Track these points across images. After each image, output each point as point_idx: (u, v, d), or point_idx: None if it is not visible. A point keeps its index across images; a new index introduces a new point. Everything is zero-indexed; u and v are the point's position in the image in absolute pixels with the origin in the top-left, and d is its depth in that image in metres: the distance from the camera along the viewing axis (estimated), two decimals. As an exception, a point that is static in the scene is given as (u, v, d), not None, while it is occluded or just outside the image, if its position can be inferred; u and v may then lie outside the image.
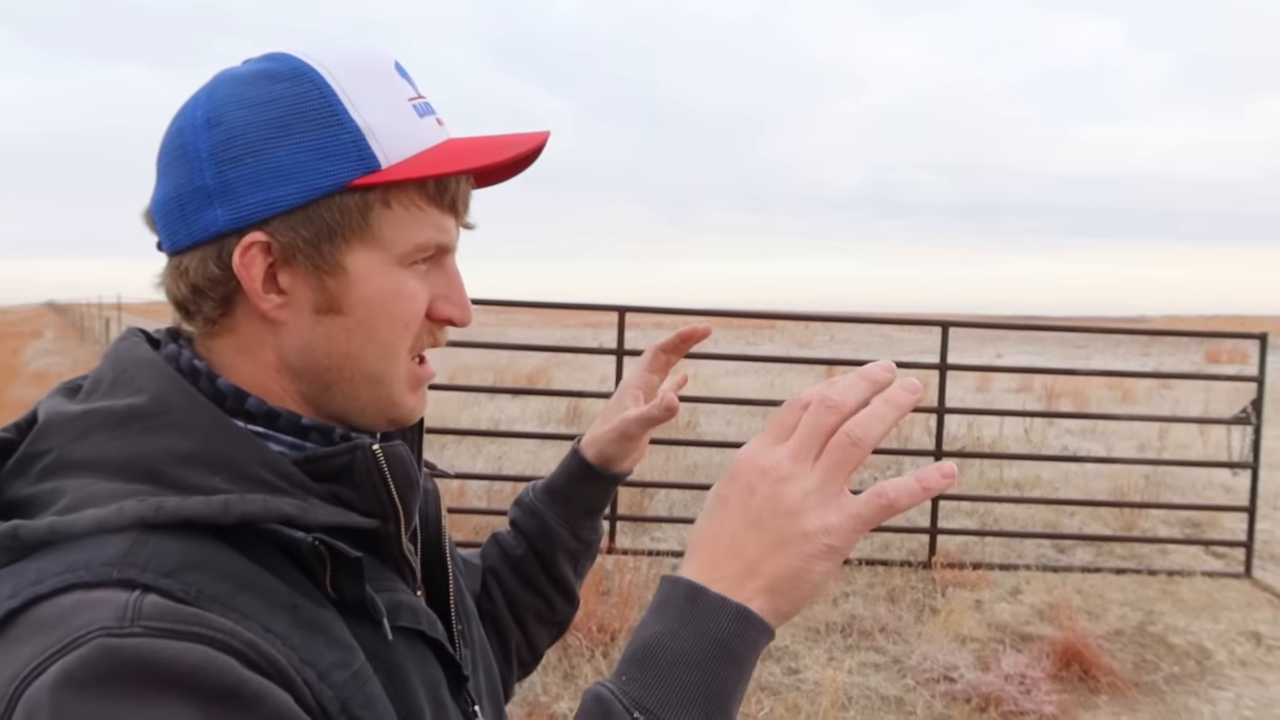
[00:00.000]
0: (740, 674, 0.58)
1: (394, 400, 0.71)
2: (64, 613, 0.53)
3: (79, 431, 0.62)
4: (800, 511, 0.59)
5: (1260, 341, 5.53)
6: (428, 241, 0.69)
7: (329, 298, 0.66)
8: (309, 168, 0.64)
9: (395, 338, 0.69)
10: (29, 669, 0.51)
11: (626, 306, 5.33)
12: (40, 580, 0.55)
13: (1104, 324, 18.47)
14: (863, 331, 30.98)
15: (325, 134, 0.65)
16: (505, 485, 6.44)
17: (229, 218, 0.65)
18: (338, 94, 0.65)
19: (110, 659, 0.51)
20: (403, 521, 0.70)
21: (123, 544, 0.56)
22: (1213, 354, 20.78)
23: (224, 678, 0.52)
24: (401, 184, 0.66)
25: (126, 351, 0.68)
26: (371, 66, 0.68)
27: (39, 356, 20.69)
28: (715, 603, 0.58)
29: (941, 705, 3.69)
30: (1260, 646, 4.37)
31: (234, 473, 0.62)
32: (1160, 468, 7.08)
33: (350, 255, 0.66)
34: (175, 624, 0.53)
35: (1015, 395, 13.07)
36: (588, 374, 13.43)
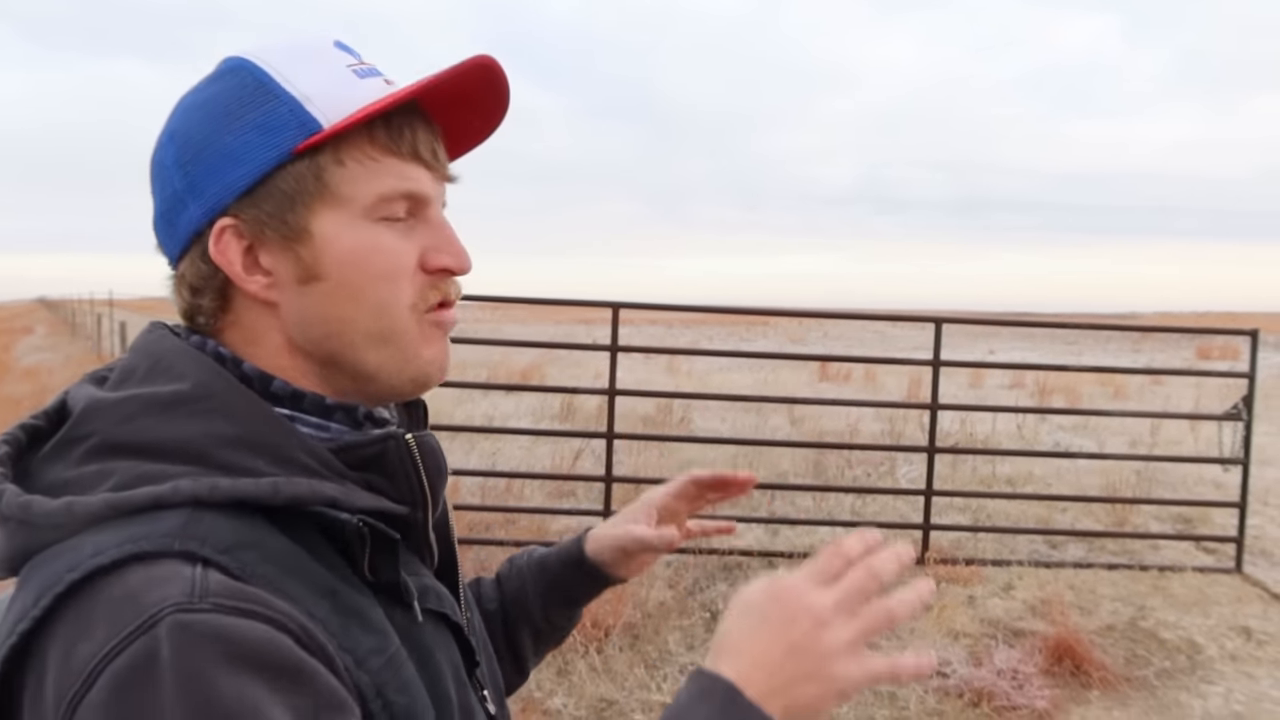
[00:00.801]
0: None
1: (407, 356, 0.71)
2: (132, 591, 0.55)
3: (123, 416, 0.64)
4: (832, 656, 0.65)
5: (1251, 338, 5.56)
6: (390, 190, 0.69)
7: (305, 266, 0.68)
8: (255, 145, 0.67)
9: (385, 294, 0.69)
10: (107, 649, 0.53)
11: (620, 303, 5.33)
12: (100, 552, 0.57)
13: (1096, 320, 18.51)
14: (856, 328, 31.04)
15: (263, 111, 0.67)
16: (499, 481, 6.44)
17: (200, 212, 0.68)
18: (271, 74, 0.68)
19: (185, 635, 0.53)
20: (430, 509, 0.73)
21: (179, 519, 0.58)
22: (1204, 350, 20.86)
23: (286, 655, 0.55)
24: (352, 140, 0.67)
25: (158, 342, 0.70)
26: (306, 47, 0.70)
27: (30, 353, 20.59)
28: (747, 709, 0.63)
29: (934, 700, 3.70)
30: (1250, 641, 4.39)
31: (276, 456, 0.64)
32: (1152, 464, 7.11)
33: (315, 219, 0.67)
34: (241, 602, 0.56)
35: (1008, 391, 13.11)
36: (581, 370, 13.43)
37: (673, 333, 29.06)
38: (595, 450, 7.16)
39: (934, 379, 5.48)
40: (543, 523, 5.62)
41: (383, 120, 0.68)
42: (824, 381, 14.19)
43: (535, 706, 3.56)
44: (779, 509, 6.37)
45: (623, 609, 4.27)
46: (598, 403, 9.11)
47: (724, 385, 12.42)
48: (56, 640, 0.55)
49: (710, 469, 1.01)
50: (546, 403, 10.44)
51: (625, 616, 4.25)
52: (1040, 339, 26.12)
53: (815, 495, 6.50)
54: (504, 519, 5.65)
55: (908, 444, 7.71)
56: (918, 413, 8.52)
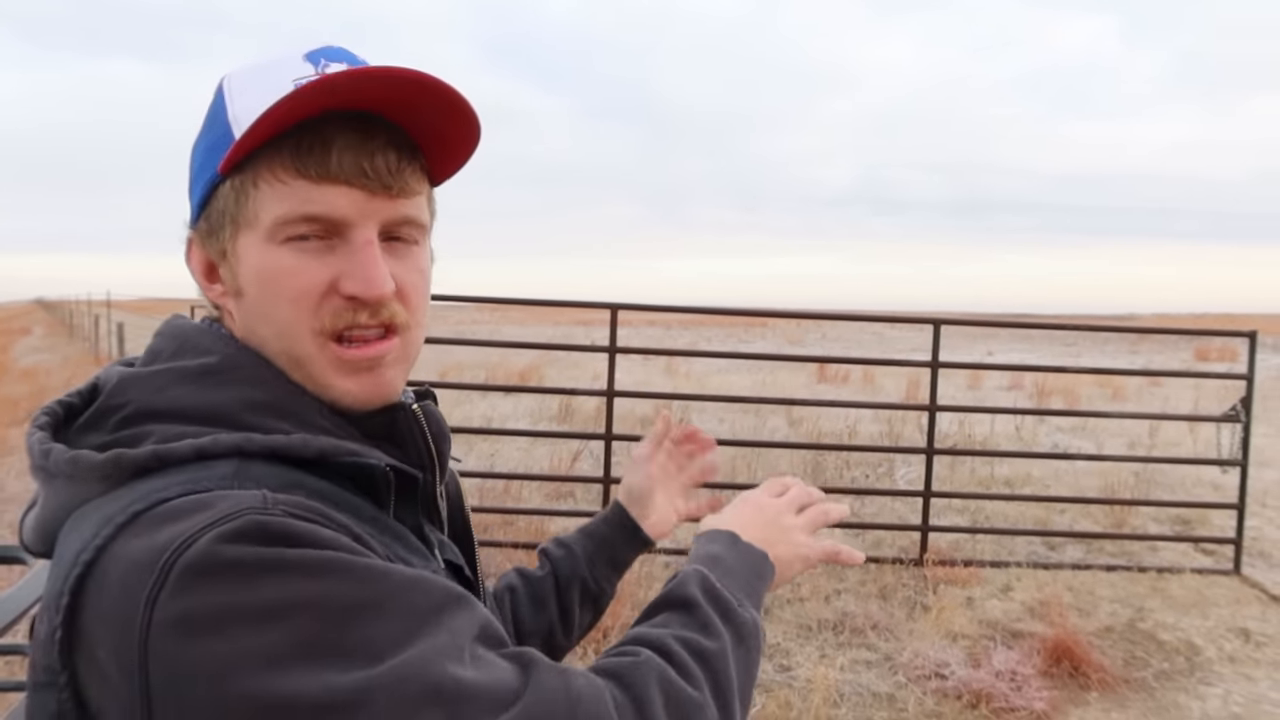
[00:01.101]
0: (764, 584, 0.88)
1: (320, 383, 0.71)
2: (204, 501, 0.58)
3: (157, 386, 0.68)
4: (793, 531, 0.96)
5: (1249, 339, 5.56)
6: (288, 214, 0.68)
7: (230, 281, 0.73)
8: (204, 165, 0.72)
9: (288, 316, 0.70)
10: (182, 538, 0.55)
11: (619, 304, 5.33)
12: (162, 490, 0.60)
13: (1094, 322, 18.54)
14: (854, 329, 31.05)
15: (211, 134, 0.72)
16: (497, 483, 6.44)
17: (188, 226, 0.76)
18: (224, 95, 0.72)
19: (262, 531, 0.56)
20: (438, 473, 0.78)
21: (230, 466, 0.63)
22: (1202, 352, 20.87)
23: (353, 547, 0.60)
24: (263, 160, 0.68)
25: (182, 327, 0.75)
26: (269, 62, 0.71)
27: (27, 353, 20.56)
28: (748, 546, 0.90)
29: (933, 702, 3.70)
30: (1249, 643, 4.39)
31: (300, 420, 0.69)
32: (1150, 465, 7.11)
33: (235, 240, 0.71)
34: (305, 512, 0.60)
35: (1006, 393, 13.11)
36: (580, 371, 13.43)
37: (671, 334, 29.06)
38: (593, 451, 7.16)
39: (932, 380, 5.48)
40: (541, 524, 5.61)
41: (293, 140, 0.67)
42: (822, 383, 14.19)
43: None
44: (777, 510, 6.36)
45: (621, 610, 4.27)
46: (596, 404, 9.11)
47: (722, 386, 12.42)
48: (118, 556, 0.57)
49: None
50: (545, 404, 10.44)
51: (624, 618, 4.24)
52: (1039, 340, 26.14)
53: (814, 497, 6.49)
54: (502, 520, 5.64)
55: (906, 445, 7.71)
56: (916, 414, 8.52)
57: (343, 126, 0.68)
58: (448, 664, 0.56)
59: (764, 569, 0.88)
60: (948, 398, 8.95)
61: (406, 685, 0.54)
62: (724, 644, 0.74)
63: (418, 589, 0.59)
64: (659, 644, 0.72)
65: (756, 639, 0.79)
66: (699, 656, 0.72)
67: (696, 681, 0.69)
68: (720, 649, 0.73)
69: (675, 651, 0.71)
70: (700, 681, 0.70)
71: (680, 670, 0.69)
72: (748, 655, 0.77)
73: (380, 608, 0.56)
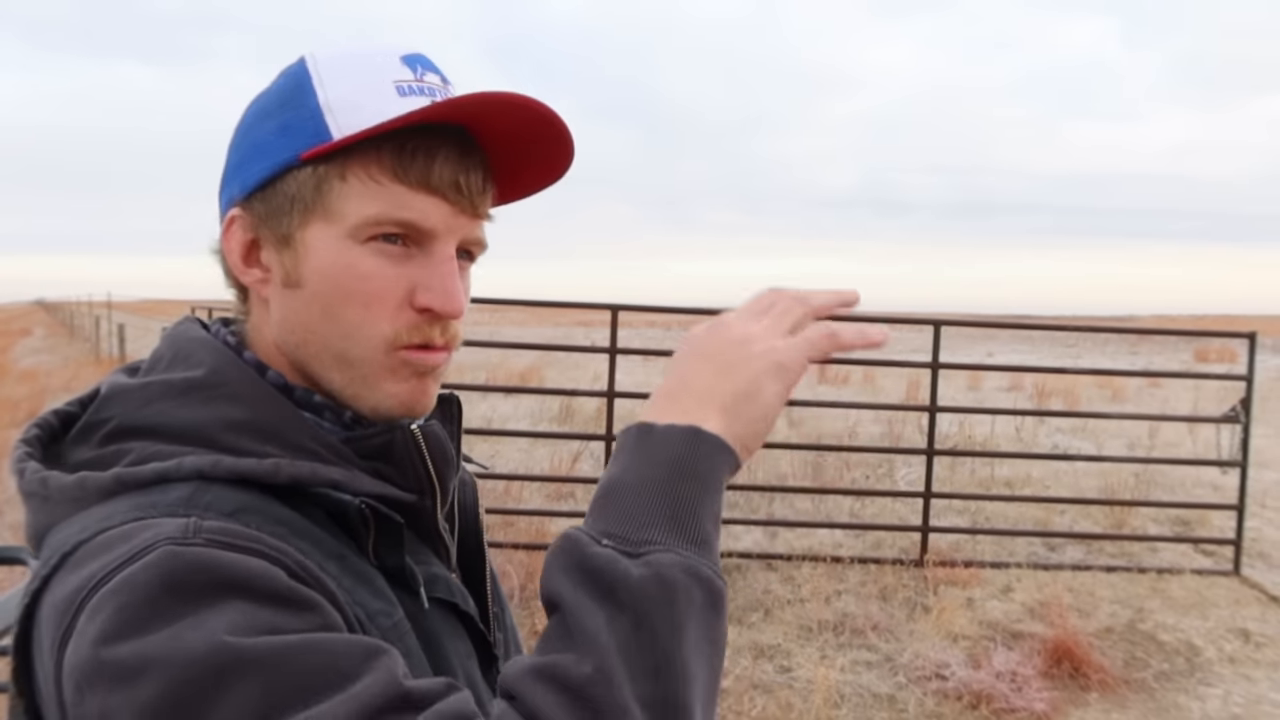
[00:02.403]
0: (704, 490, 0.59)
1: (369, 385, 0.69)
2: (127, 533, 0.57)
3: (141, 401, 0.66)
4: (748, 339, 0.64)
5: (1249, 340, 5.56)
6: (381, 215, 0.66)
7: (287, 270, 0.69)
8: (273, 145, 0.68)
9: (357, 318, 0.67)
10: (96, 578, 0.55)
11: (619, 305, 5.33)
12: (109, 518, 0.59)
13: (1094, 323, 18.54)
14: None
15: (290, 113, 0.68)
16: (497, 484, 6.43)
17: (226, 199, 0.71)
18: (310, 76, 0.69)
19: (174, 562, 0.54)
20: (439, 498, 0.73)
21: (185, 490, 0.60)
22: (1201, 353, 20.88)
23: (281, 584, 0.56)
24: (359, 156, 0.66)
25: (183, 332, 0.72)
26: (363, 54, 0.69)
27: (28, 355, 20.56)
28: (665, 431, 0.61)
29: (933, 703, 3.70)
30: (1249, 644, 4.39)
31: (284, 442, 0.65)
32: (1150, 466, 7.11)
33: (305, 228, 0.68)
34: (234, 539, 0.57)
35: (1006, 394, 13.11)
36: (580, 372, 13.43)
37: (671, 335, 29.05)
38: (594, 452, 7.16)
39: (933, 381, 5.48)
40: (541, 525, 5.61)
41: (395, 143, 0.66)
42: (822, 384, 14.19)
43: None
44: (777, 511, 6.37)
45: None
46: (596, 405, 9.11)
47: (723, 387, 12.39)
48: (53, 590, 0.57)
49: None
50: (545, 405, 10.44)
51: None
52: (1039, 341, 26.13)
53: (814, 497, 6.50)
54: (502, 521, 5.64)
55: (906, 446, 7.72)
56: (916, 415, 8.52)
57: (445, 139, 0.67)
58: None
59: (695, 457, 0.59)
60: (948, 398, 8.95)
61: None
62: (599, 658, 0.53)
63: (312, 653, 0.53)
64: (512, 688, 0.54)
65: (674, 602, 0.55)
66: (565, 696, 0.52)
67: None
68: (595, 671, 0.52)
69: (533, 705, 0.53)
70: None
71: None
72: (658, 640, 0.53)
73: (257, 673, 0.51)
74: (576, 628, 0.54)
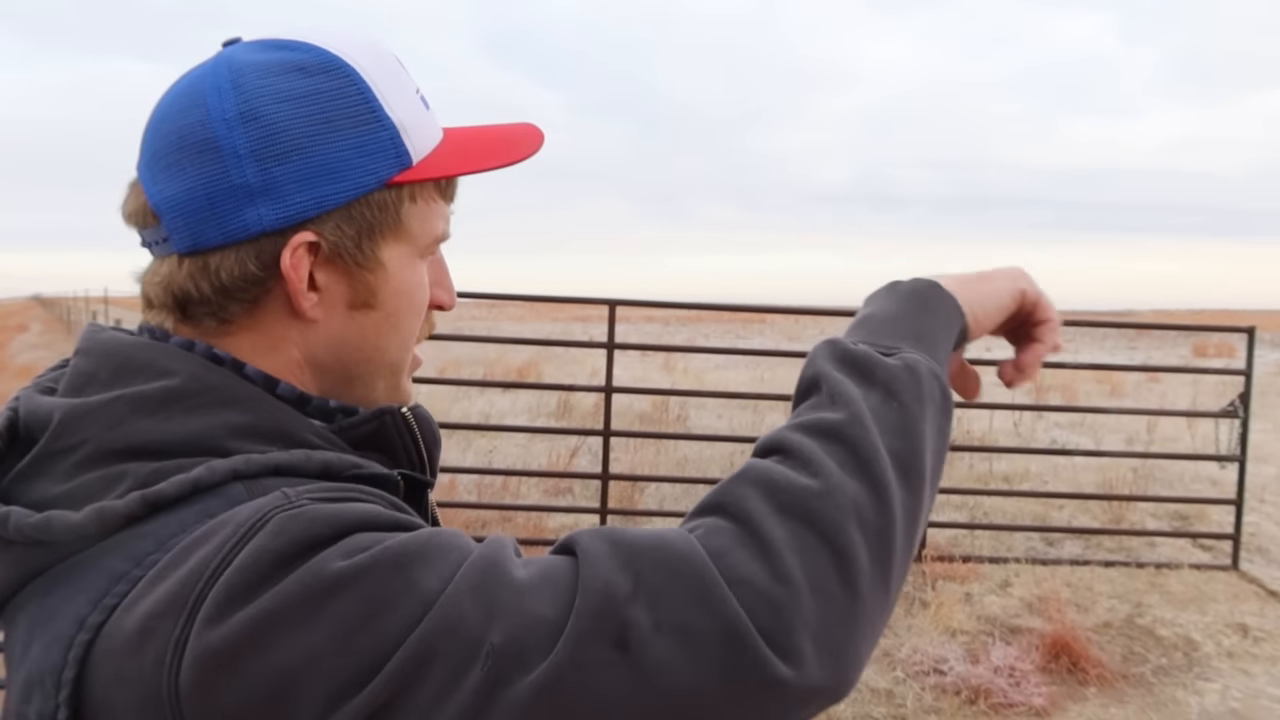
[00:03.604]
0: (941, 325, 0.71)
1: (399, 386, 0.74)
2: (221, 521, 0.54)
3: (112, 421, 0.60)
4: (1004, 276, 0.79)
5: (1248, 335, 5.56)
6: (443, 234, 0.72)
7: (367, 293, 0.68)
8: (354, 165, 0.64)
9: (413, 327, 0.72)
10: (213, 565, 0.51)
11: (617, 300, 5.32)
12: (177, 532, 0.55)
13: (1092, 317, 18.52)
14: (853, 325, 30.98)
15: (366, 130, 0.65)
16: (495, 479, 6.43)
17: (275, 216, 0.63)
18: (372, 89, 0.66)
19: (297, 523, 0.52)
20: (431, 478, 0.75)
21: (240, 488, 0.57)
22: (1200, 348, 20.88)
23: (394, 516, 0.57)
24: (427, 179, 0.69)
25: (114, 342, 0.65)
26: (388, 58, 0.70)
27: (25, 350, 20.54)
28: (910, 282, 0.74)
29: (931, 698, 3.70)
30: (1247, 638, 4.40)
31: (290, 440, 0.63)
32: (1148, 461, 7.11)
33: (386, 250, 0.68)
34: (335, 493, 0.57)
35: (1004, 388, 13.08)
36: (578, 367, 13.41)
37: (669, 330, 29.06)
38: (592, 447, 7.16)
39: (931, 376, 5.48)
40: (539, 520, 5.61)
41: None
42: (821, 379, 14.18)
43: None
44: (776, 506, 6.36)
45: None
46: (594, 400, 9.10)
47: (720, 383, 12.41)
48: (133, 609, 0.52)
49: None
50: (543, 400, 10.43)
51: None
52: (1036, 336, 26.04)
53: (812, 493, 6.49)
54: (500, 516, 5.64)
55: (904, 441, 7.69)
56: (914, 410, 8.49)
57: None
58: (504, 569, 0.53)
59: (940, 304, 0.72)
60: (946, 394, 8.93)
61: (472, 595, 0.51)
62: (856, 409, 0.61)
63: (450, 532, 0.57)
64: (765, 444, 0.61)
65: (920, 386, 0.64)
66: (821, 435, 0.60)
67: (816, 466, 0.57)
68: (851, 416, 0.60)
69: (787, 442, 0.60)
70: (821, 465, 0.57)
71: (793, 461, 0.58)
72: (906, 410, 0.62)
73: (430, 555, 0.53)
74: (833, 391, 0.63)
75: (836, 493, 0.56)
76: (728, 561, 0.53)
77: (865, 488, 0.57)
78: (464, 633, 0.50)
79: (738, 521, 0.56)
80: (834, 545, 0.55)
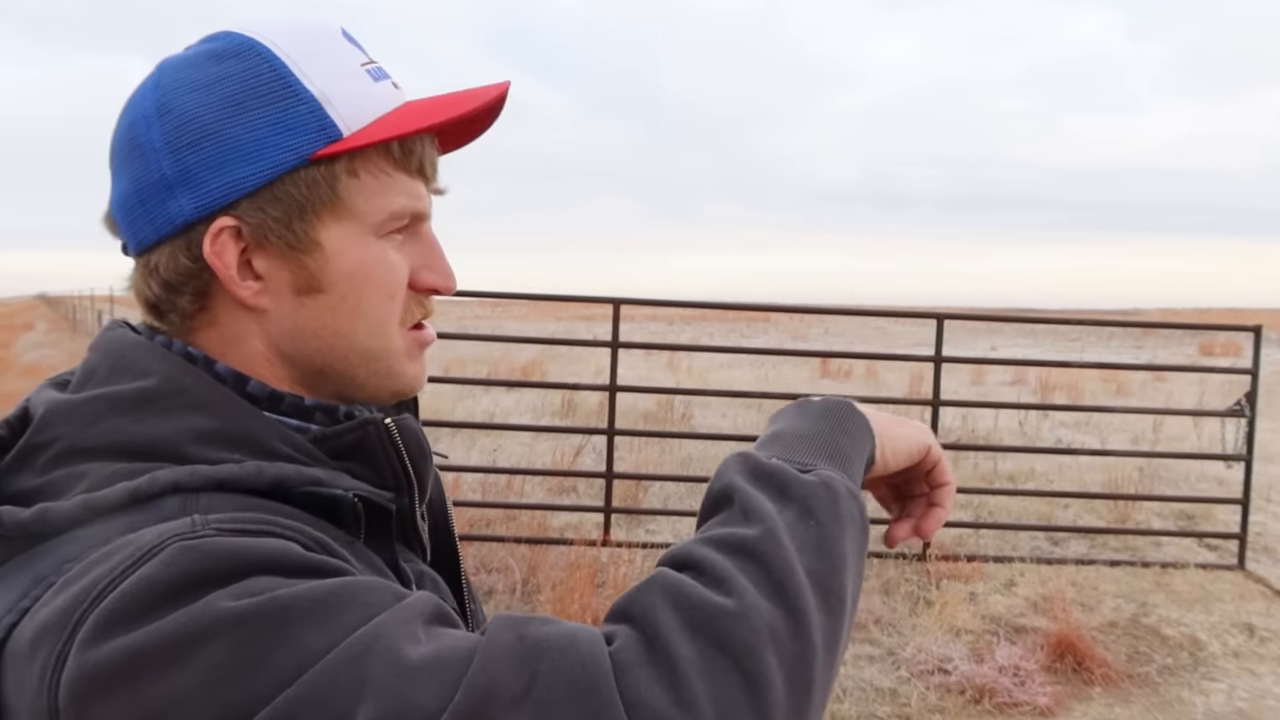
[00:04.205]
0: (855, 445, 0.69)
1: (393, 372, 0.70)
2: (127, 541, 0.52)
3: (88, 418, 0.61)
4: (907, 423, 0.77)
5: (1254, 334, 5.54)
6: (401, 209, 0.67)
7: (308, 277, 0.65)
8: (269, 144, 0.62)
9: (382, 311, 0.67)
10: (100, 585, 0.49)
11: (621, 299, 5.32)
12: (97, 542, 0.53)
13: (1098, 316, 18.47)
14: (857, 324, 31.03)
15: (281, 107, 0.63)
16: (500, 478, 6.43)
17: (194, 205, 0.63)
18: (288, 65, 0.64)
19: (190, 555, 0.50)
20: (417, 494, 0.70)
21: (175, 502, 0.56)
22: (1206, 347, 20.83)
23: (303, 558, 0.53)
24: (366, 151, 0.65)
25: (118, 340, 0.66)
26: (317, 34, 0.67)
27: (30, 349, 20.60)
28: (822, 401, 0.72)
29: (936, 697, 3.70)
30: (1253, 638, 4.38)
31: (256, 448, 0.61)
32: (1154, 460, 7.10)
33: (324, 230, 0.64)
34: (246, 524, 0.54)
35: (1009, 388, 13.09)
36: (582, 366, 13.42)
37: (673, 329, 29.06)
38: (596, 446, 7.16)
39: (936, 375, 5.47)
40: (543, 519, 5.61)
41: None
42: (825, 378, 14.18)
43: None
44: (780, 505, 6.36)
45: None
46: (598, 399, 9.11)
47: (725, 382, 12.41)
48: (33, 616, 0.51)
49: None
50: (547, 399, 10.44)
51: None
52: (1042, 335, 26.09)
53: (817, 492, 6.48)
54: (504, 515, 5.64)
55: (909, 440, 7.68)
56: (919, 409, 8.50)
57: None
58: (396, 642, 0.50)
59: (854, 425, 0.70)
60: (951, 393, 8.94)
61: (351, 666, 0.48)
62: (771, 525, 0.58)
63: (365, 587, 0.53)
64: (674, 557, 0.58)
65: (838, 504, 0.61)
66: (734, 551, 0.56)
67: (730, 585, 0.53)
68: (765, 532, 0.57)
69: (698, 557, 0.57)
70: (735, 583, 0.54)
71: (705, 576, 0.55)
72: (824, 529, 0.59)
73: (323, 612, 0.50)
74: (746, 506, 0.60)
75: (751, 613, 0.52)
76: (628, 680, 0.49)
77: (782, 610, 0.53)
78: (333, 705, 0.47)
79: (644, 634, 0.52)
80: (747, 671, 0.50)
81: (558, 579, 4.45)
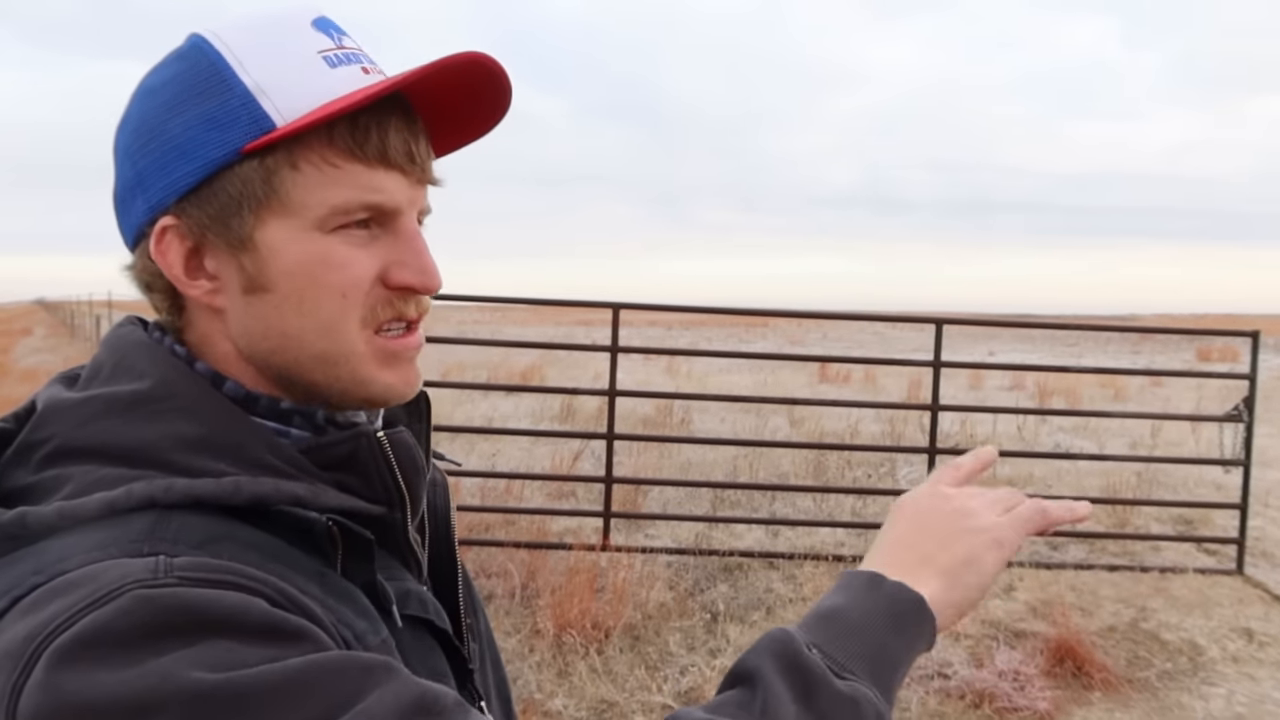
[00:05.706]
0: (906, 649, 0.67)
1: (359, 379, 0.66)
2: (90, 574, 0.51)
3: (81, 419, 0.61)
4: (970, 513, 0.73)
5: (1252, 339, 5.55)
6: (347, 202, 0.62)
7: (248, 276, 0.63)
8: (201, 140, 0.61)
9: (333, 311, 0.63)
10: (58, 621, 0.49)
11: (620, 304, 5.32)
12: (64, 559, 0.53)
13: (1096, 322, 18.51)
14: (855, 329, 31.05)
15: (214, 102, 0.61)
16: (499, 482, 6.43)
17: (145, 206, 0.64)
18: (225, 58, 0.62)
19: (147, 607, 0.49)
20: (409, 509, 0.68)
21: (146, 521, 0.55)
22: (1204, 352, 20.84)
23: (265, 616, 0.52)
24: (308, 140, 0.61)
25: (125, 338, 0.66)
26: (274, 25, 0.64)
27: (29, 354, 20.59)
28: (895, 588, 0.69)
29: (935, 702, 3.69)
30: (1252, 643, 4.38)
31: (241, 458, 0.60)
32: (1152, 465, 7.10)
33: (261, 227, 0.62)
34: (208, 574, 0.53)
35: (1008, 393, 13.09)
36: (581, 371, 13.42)
37: (672, 334, 29.06)
38: (595, 451, 7.15)
39: (934, 380, 5.47)
40: (543, 524, 5.61)
41: (347, 119, 0.62)
42: (824, 383, 14.19)
43: (536, 708, 3.56)
44: (779, 510, 6.37)
45: (623, 610, 4.26)
46: (597, 404, 9.10)
47: (724, 386, 12.41)
48: (3, 632, 0.51)
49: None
50: (546, 404, 10.43)
51: (626, 618, 4.24)
52: (1040, 340, 26.10)
53: (816, 496, 6.49)
54: (503, 520, 5.63)
55: (908, 445, 7.70)
56: (918, 414, 8.51)
57: (392, 108, 0.64)
58: None
59: (910, 617, 0.68)
60: (949, 398, 8.94)
61: None
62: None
63: (327, 673, 0.51)
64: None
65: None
66: None
67: None
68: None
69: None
70: None
71: None
72: None
73: (276, 699, 0.49)
74: (766, 702, 0.60)
75: None
76: None
77: None
78: None
79: None
80: None
81: (557, 584, 4.44)
